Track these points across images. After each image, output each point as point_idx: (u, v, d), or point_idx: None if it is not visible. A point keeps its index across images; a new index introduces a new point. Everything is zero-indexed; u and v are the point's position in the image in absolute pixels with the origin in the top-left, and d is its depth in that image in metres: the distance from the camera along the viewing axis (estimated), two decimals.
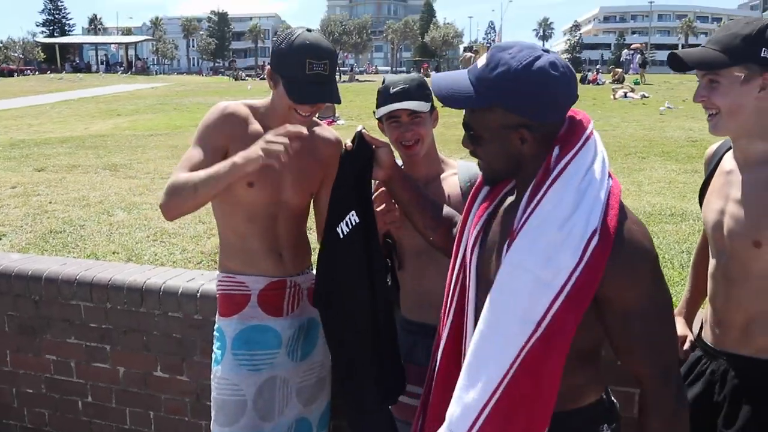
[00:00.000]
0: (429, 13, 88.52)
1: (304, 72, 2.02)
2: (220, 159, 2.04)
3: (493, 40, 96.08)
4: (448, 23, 68.17)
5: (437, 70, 48.24)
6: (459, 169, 2.29)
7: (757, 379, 1.84)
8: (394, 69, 79.97)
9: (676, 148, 10.38)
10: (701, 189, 2.03)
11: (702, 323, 2.09)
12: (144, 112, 20.94)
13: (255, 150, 1.91)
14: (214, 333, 2.39)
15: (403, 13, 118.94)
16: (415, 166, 2.23)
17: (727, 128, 1.79)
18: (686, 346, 2.18)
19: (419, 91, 2.16)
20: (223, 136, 2.13)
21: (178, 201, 2.02)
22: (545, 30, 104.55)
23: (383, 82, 2.24)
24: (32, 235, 5.03)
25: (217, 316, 2.39)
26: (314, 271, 2.29)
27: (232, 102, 2.21)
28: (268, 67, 2.17)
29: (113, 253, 4.45)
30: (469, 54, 26.85)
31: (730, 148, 1.93)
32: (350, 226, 1.95)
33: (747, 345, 1.85)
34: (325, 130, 2.38)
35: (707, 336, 2.00)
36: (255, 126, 2.18)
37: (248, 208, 2.23)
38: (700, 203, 2.03)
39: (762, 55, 1.70)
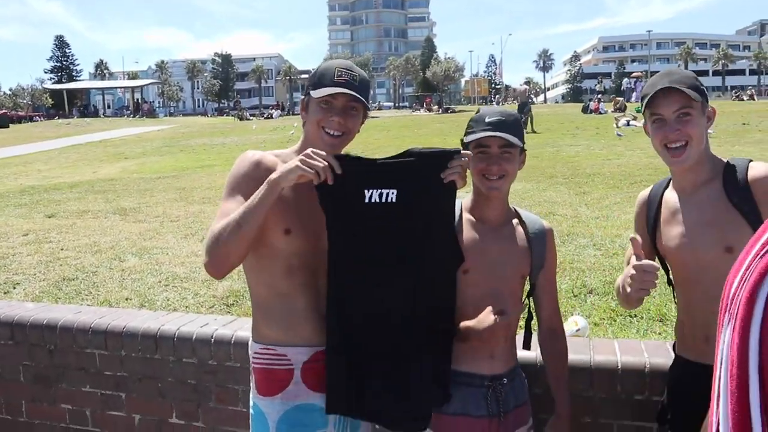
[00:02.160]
0: (430, 48, 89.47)
1: (333, 78, 2.02)
2: None
3: (494, 73, 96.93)
4: (449, 58, 68.86)
5: (440, 104, 48.63)
6: (525, 218, 2.22)
7: None
8: (396, 104, 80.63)
9: None
10: (652, 230, 2.16)
11: (678, 342, 2.21)
12: (151, 155, 21.14)
13: (292, 162, 1.85)
14: (250, 411, 2.15)
15: (404, 49, 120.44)
16: (492, 204, 2.14)
17: (694, 157, 2.00)
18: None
19: (515, 126, 2.08)
20: (255, 183, 1.94)
21: (223, 249, 1.88)
22: (545, 61, 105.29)
23: (477, 111, 2.15)
24: (45, 283, 5.07)
25: (252, 392, 2.14)
26: None
27: (251, 151, 2.11)
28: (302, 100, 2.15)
29: (126, 299, 4.48)
30: (524, 86, 27.52)
31: (666, 186, 2.15)
32: (383, 200, 1.94)
33: None
34: None
35: (689, 353, 2.11)
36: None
37: (286, 259, 2.01)
38: (654, 243, 2.15)
39: (705, 92, 2.02)
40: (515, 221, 2.20)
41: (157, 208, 9.23)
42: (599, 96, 39.47)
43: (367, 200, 1.94)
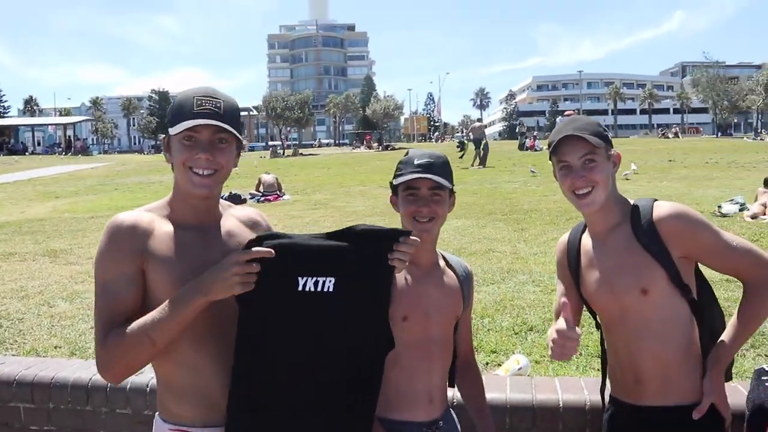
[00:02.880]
0: (369, 86, 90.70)
1: (191, 109, 1.74)
2: (142, 283, 1.73)
3: (433, 111, 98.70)
4: (388, 96, 69.89)
5: (379, 141, 49.11)
6: (450, 260, 2.23)
7: (679, 425, 1.98)
8: (337, 141, 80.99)
9: None
10: (575, 275, 2.20)
11: (609, 384, 2.25)
12: (84, 194, 20.54)
13: (225, 273, 1.63)
14: None
15: (344, 87, 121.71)
16: (423, 247, 2.02)
17: (600, 201, 2.03)
18: None
19: (444, 168, 2.05)
20: (132, 255, 1.72)
21: (131, 363, 1.69)
22: (482, 99, 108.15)
23: (406, 154, 2.12)
24: None
25: None
26: None
27: (122, 214, 1.80)
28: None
29: (55, 347, 4.28)
30: (479, 123, 28.49)
31: (582, 232, 2.21)
32: (319, 289, 1.73)
33: (666, 395, 2.00)
34: (241, 209, 2.06)
35: (621, 394, 2.15)
36: (165, 226, 1.80)
37: (191, 330, 1.74)
38: (578, 287, 2.19)
39: (609, 138, 2.08)
40: (442, 263, 2.19)
41: (90, 250, 8.92)
42: (535, 133, 40.58)
43: (300, 288, 1.73)
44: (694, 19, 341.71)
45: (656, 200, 2.06)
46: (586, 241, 2.17)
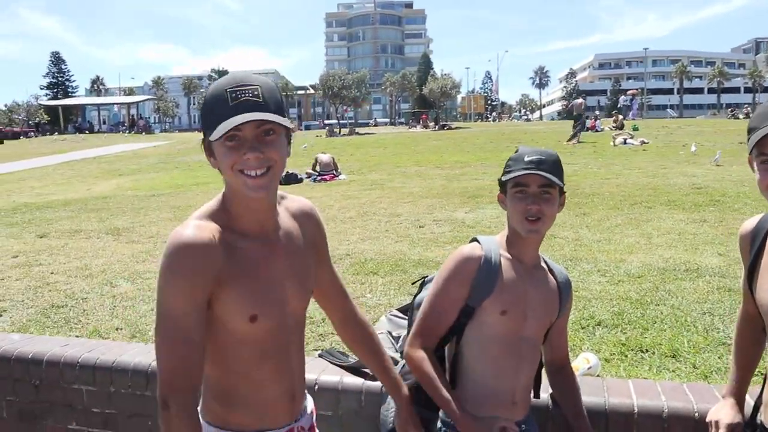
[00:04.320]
0: (426, 65, 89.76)
1: (227, 105, 1.54)
2: (206, 305, 1.60)
3: (491, 90, 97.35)
4: (445, 74, 68.90)
5: (436, 121, 48.68)
6: (551, 264, 2.24)
7: None
8: (393, 120, 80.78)
9: (681, 196, 10.29)
10: (749, 269, 1.95)
11: (762, 407, 1.97)
12: (146, 171, 21.02)
13: None
14: None
15: (401, 65, 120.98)
16: (528, 248, 2.12)
17: None
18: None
19: (554, 166, 2.04)
20: (205, 283, 1.58)
21: None
22: (541, 78, 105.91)
23: (516, 150, 2.12)
24: (33, 310, 4.90)
25: None
26: (310, 404, 1.99)
27: (190, 230, 1.58)
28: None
29: (117, 329, 4.31)
30: (580, 100, 28.35)
31: None
32: None
33: None
34: (294, 200, 1.91)
35: None
36: (231, 240, 1.65)
37: (255, 345, 1.71)
38: (750, 284, 1.95)
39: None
40: (544, 265, 2.21)
41: (150, 228, 9.07)
42: (596, 113, 39.50)
43: None
44: None
45: None
46: None
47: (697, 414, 2.51)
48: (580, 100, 27.89)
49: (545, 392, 2.52)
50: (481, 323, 2.10)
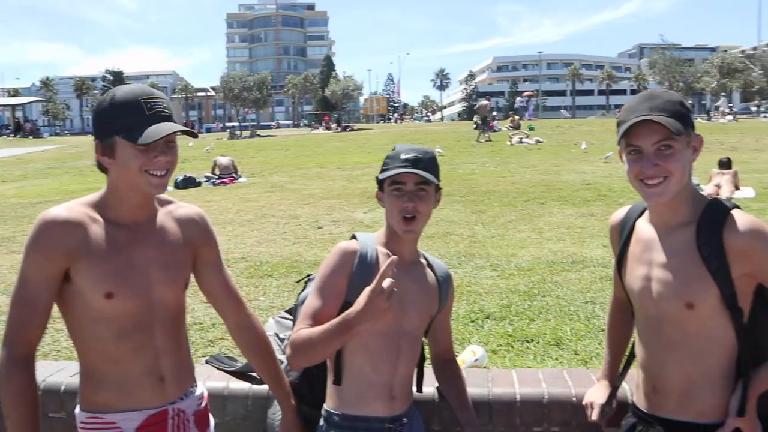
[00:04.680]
0: (329, 67, 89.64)
1: (144, 113, 1.74)
2: (60, 283, 1.78)
3: (393, 91, 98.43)
4: (347, 76, 69.11)
5: (339, 122, 48.71)
6: (430, 260, 2.24)
7: None
8: (295, 122, 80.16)
9: (572, 192, 10.74)
10: (618, 257, 2.03)
11: (633, 388, 2.08)
12: (33, 178, 19.88)
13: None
14: None
15: (303, 67, 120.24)
16: (405, 244, 2.13)
17: (671, 193, 1.80)
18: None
19: (430, 164, 2.06)
20: (59, 254, 1.75)
21: None
22: (442, 80, 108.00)
23: (393, 149, 2.12)
24: None
25: None
26: (199, 390, 2.05)
27: (56, 209, 1.80)
28: (95, 142, 1.83)
29: None
30: (484, 101, 29.04)
31: (641, 213, 1.98)
32: None
33: (686, 410, 1.84)
34: (182, 207, 2.06)
35: (641, 402, 1.98)
36: (97, 222, 1.82)
37: (114, 322, 1.81)
38: (619, 272, 2.03)
39: (691, 120, 1.81)
40: (423, 261, 2.22)
41: None
42: (494, 114, 40.65)
43: None
44: (653, 1, 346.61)
45: (736, 207, 1.82)
46: (643, 227, 1.96)
47: (574, 398, 2.59)
48: (485, 101, 28.73)
49: (431, 386, 2.54)
50: None
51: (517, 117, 34.24)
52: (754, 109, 65.00)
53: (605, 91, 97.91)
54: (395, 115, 75.32)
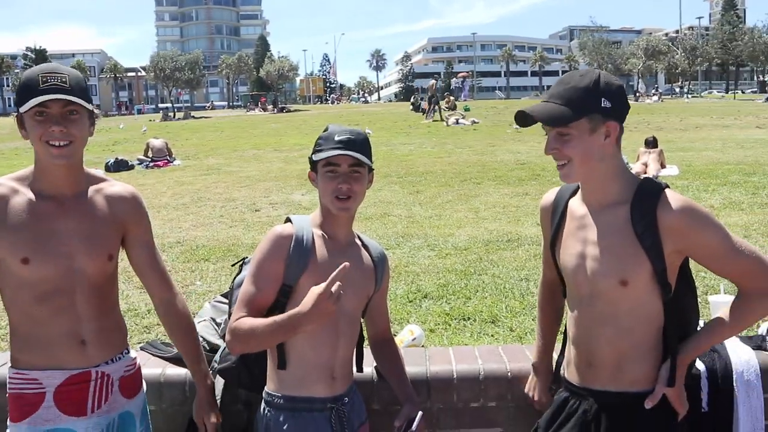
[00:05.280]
0: (263, 47, 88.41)
1: (38, 87, 1.86)
2: None
3: (329, 72, 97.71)
4: (282, 57, 68.34)
5: (275, 103, 48.09)
6: (365, 240, 2.27)
7: (631, 411, 1.91)
8: (231, 104, 78.68)
9: (507, 172, 10.94)
10: (552, 237, 2.08)
11: (564, 364, 2.13)
12: None
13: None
14: None
15: (237, 47, 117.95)
16: (340, 225, 2.14)
17: (579, 175, 1.88)
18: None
19: (364, 145, 2.08)
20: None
21: None
22: (378, 61, 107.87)
23: (326, 129, 2.12)
24: None
25: (7, 421, 2.04)
26: (131, 355, 2.15)
27: None
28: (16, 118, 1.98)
29: None
30: (433, 81, 29.13)
31: (574, 193, 2.03)
32: None
33: (619, 381, 1.91)
34: (116, 185, 2.16)
35: (573, 376, 2.04)
36: (21, 194, 1.96)
37: (35, 287, 1.95)
38: (552, 251, 2.08)
39: (602, 105, 1.82)
40: (358, 242, 2.24)
41: None
42: (430, 94, 40.88)
43: None
44: None
45: (667, 187, 1.89)
46: (576, 207, 2.00)
47: (509, 374, 2.66)
48: (432, 81, 29.04)
49: (370, 366, 2.57)
50: (299, 301, 2.09)
51: (453, 98, 34.53)
52: (677, 90, 67.36)
53: (538, 72, 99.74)
54: (332, 96, 74.85)
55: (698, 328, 2.01)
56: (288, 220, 2.18)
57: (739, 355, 2.59)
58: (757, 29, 68.94)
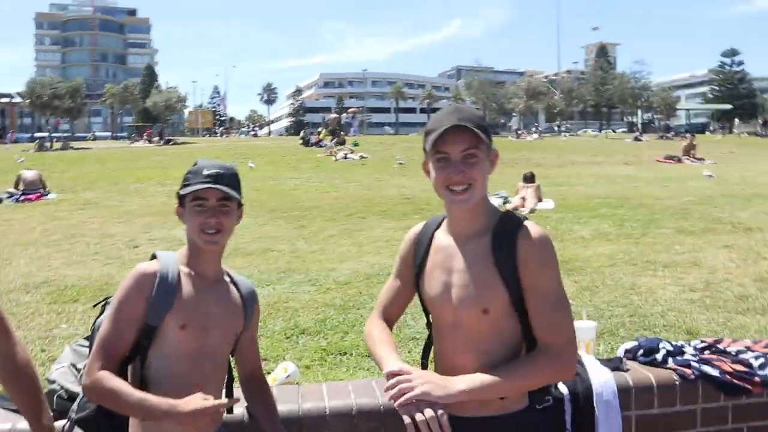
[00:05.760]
0: (151, 76, 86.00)
1: None
2: None
3: (219, 104, 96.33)
4: (171, 87, 66.77)
5: (161, 135, 46.71)
6: (235, 277, 2.23)
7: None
8: (114, 134, 75.70)
9: (392, 206, 11.14)
10: (418, 269, 2.09)
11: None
12: None
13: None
14: None
15: (123, 76, 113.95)
16: (208, 261, 2.11)
17: (475, 201, 1.92)
18: None
19: (233, 179, 2.06)
20: None
21: None
22: (269, 94, 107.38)
23: (195, 164, 2.10)
24: None
25: None
26: None
27: None
28: None
29: None
30: (335, 115, 28.44)
31: (438, 225, 2.08)
32: None
33: (485, 407, 1.94)
34: None
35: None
36: None
37: None
38: (417, 283, 2.09)
39: (490, 135, 1.94)
40: (227, 279, 2.20)
41: None
42: (320, 129, 41.11)
43: None
44: (470, 27, 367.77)
45: (526, 218, 1.97)
46: (442, 238, 2.04)
47: (382, 408, 2.69)
48: (334, 115, 29.27)
49: (241, 407, 2.52)
50: (163, 341, 2.03)
51: (342, 133, 34.87)
52: (556, 128, 71.25)
53: (426, 110, 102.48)
54: (221, 128, 73.68)
55: None
56: (154, 256, 2.13)
57: (599, 377, 2.77)
58: (626, 75, 74.58)
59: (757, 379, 2.83)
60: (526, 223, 1.95)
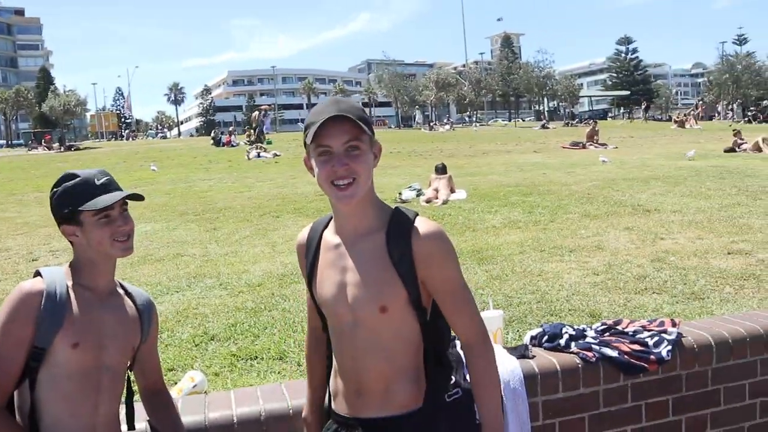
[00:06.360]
0: (46, 80, 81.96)
1: None
2: None
3: (123, 106, 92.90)
4: (69, 91, 63.68)
5: (61, 141, 44.63)
6: (129, 288, 2.16)
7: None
8: (9, 142, 71.70)
9: (306, 204, 11.04)
10: (309, 273, 2.03)
11: (331, 396, 2.09)
12: None
13: None
14: None
15: (15, 80, 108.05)
16: (100, 274, 2.03)
17: (360, 195, 1.84)
18: None
19: (114, 183, 2.01)
20: None
21: None
22: (177, 95, 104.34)
23: (75, 177, 1.98)
24: None
25: None
26: None
27: None
28: None
29: None
30: (257, 112, 29.72)
31: (326, 226, 2.02)
32: None
33: (389, 406, 1.92)
34: None
35: (341, 408, 2.01)
36: None
37: None
38: (309, 285, 2.04)
39: (372, 127, 1.86)
40: (121, 291, 2.12)
41: None
42: (231, 128, 40.30)
43: None
44: (379, 20, 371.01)
45: (417, 214, 1.92)
46: (330, 238, 1.97)
47: (291, 411, 2.64)
48: (256, 113, 29.04)
49: (143, 422, 2.41)
50: (54, 361, 1.92)
51: (257, 129, 34.30)
52: (467, 119, 72.65)
53: None
54: (127, 131, 71.02)
55: (451, 344, 2.09)
56: (38, 273, 1.99)
57: (506, 365, 2.81)
58: (530, 65, 76.79)
59: (652, 357, 2.96)
60: (418, 219, 1.91)
